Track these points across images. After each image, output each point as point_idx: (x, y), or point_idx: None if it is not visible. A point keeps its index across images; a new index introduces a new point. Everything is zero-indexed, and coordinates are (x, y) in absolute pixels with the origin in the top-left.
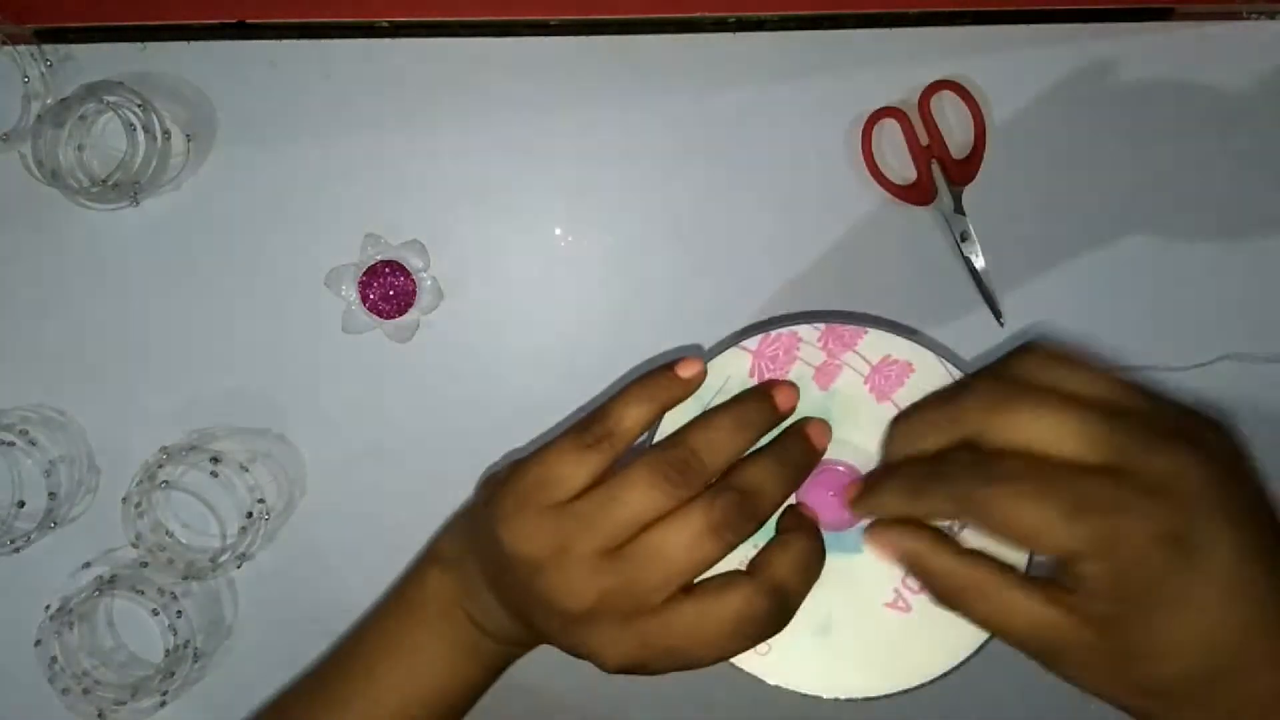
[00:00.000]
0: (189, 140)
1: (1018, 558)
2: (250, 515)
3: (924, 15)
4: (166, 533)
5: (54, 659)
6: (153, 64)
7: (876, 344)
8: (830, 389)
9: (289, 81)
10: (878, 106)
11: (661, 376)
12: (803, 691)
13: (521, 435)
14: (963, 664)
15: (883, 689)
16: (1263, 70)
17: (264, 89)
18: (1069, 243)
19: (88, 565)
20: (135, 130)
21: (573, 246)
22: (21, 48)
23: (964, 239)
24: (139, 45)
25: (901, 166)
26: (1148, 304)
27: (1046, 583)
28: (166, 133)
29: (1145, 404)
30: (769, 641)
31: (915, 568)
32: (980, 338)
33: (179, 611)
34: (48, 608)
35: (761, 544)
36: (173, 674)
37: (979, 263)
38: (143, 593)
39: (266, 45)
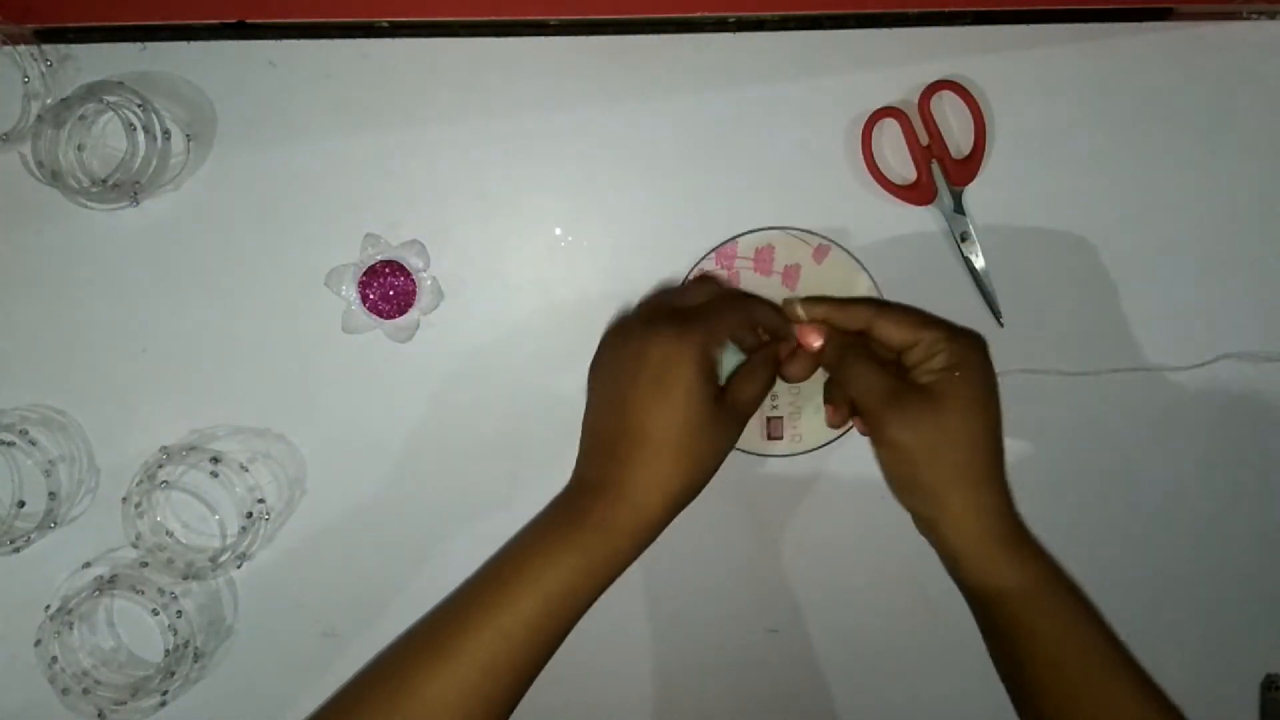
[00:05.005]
0: (189, 140)
1: None
2: (250, 515)
3: (924, 15)
4: (166, 533)
5: (54, 659)
6: (153, 64)
7: (747, 244)
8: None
9: (289, 81)
10: (878, 106)
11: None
12: (807, 449)
13: (521, 435)
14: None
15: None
16: (1262, 70)
17: (264, 89)
18: (1069, 243)
19: (88, 565)
20: (135, 130)
21: (573, 246)
22: (21, 48)
23: (964, 239)
24: (139, 45)
25: (901, 166)
26: (1148, 304)
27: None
28: (166, 133)
29: (953, 327)
30: (801, 434)
31: (829, 343)
32: None
33: (179, 611)
34: (48, 608)
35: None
36: (173, 674)
37: (979, 263)
38: (143, 593)
39: (266, 45)
